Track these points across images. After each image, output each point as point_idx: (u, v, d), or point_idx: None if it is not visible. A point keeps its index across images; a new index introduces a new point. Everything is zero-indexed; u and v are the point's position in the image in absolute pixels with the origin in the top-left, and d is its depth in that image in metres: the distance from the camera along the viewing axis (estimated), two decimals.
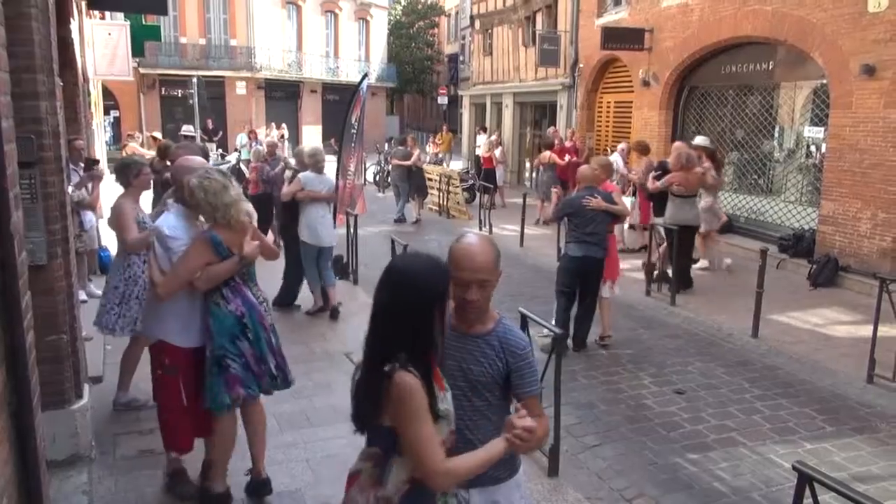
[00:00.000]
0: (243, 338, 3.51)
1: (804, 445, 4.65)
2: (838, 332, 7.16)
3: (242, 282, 3.56)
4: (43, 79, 3.63)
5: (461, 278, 2.12)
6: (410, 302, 1.93)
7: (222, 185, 3.42)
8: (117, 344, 6.13)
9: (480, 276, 2.14)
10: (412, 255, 2.27)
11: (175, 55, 26.84)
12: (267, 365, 3.60)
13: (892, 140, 8.33)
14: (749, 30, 10.55)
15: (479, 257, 2.16)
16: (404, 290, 1.95)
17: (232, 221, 3.42)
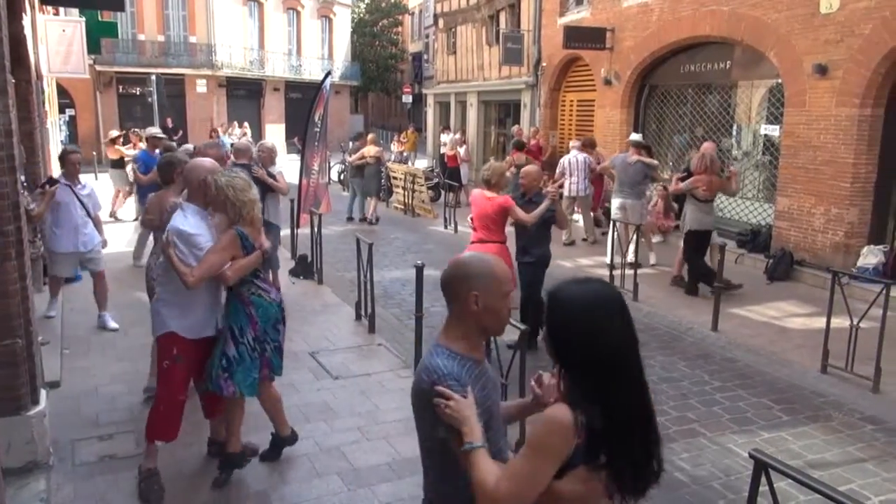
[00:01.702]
0: (283, 323, 3.99)
1: (762, 435, 4.77)
2: (794, 324, 7.36)
3: (254, 275, 3.86)
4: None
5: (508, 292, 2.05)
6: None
7: (247, 183, 3.76)
8: (76, 348, 6.03)
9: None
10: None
11: (133, 52, 26.29)
12: (276, 354, 4.03)
13: (844, 138, 8.59)
14: (707, 30, 10.76)
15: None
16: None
17: (254, 218, 3.77)
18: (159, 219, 4.58)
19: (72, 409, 4.88)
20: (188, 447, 4.25)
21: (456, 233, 12.59)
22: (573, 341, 1.76)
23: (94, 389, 5.21)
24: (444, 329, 2.04)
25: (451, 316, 2.02)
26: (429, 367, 1.93)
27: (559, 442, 1.69)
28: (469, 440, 1.81)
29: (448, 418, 1.84)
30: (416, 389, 1.97)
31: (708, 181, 7.97)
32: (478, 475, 1.77)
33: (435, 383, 1.87)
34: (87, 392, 5.15)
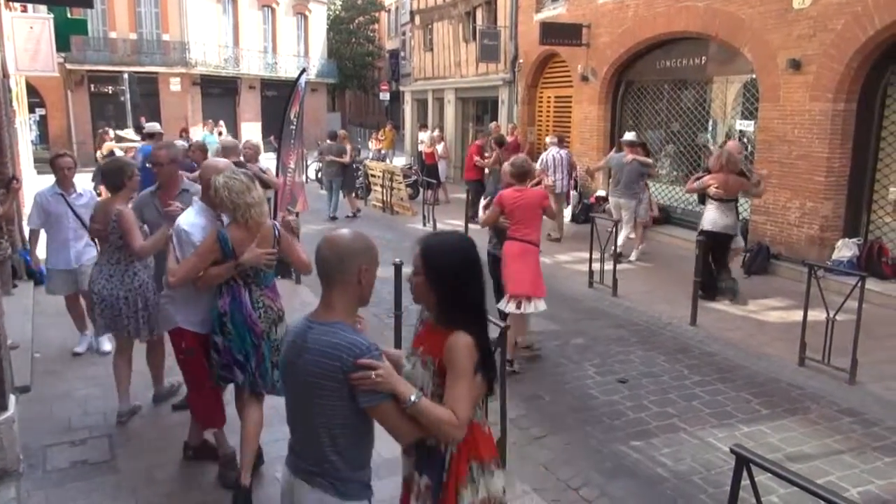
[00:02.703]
0: (219, 334, 3.64)
1: (741, 429, 4.79)
2: (771, 317, 7.42)
3: (243, 283, 3.62)
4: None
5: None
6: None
7: (245, 185, 3.52)
8: (48, 352, 5.89)
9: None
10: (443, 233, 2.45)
11: (104, 50, 25.84)
12: (249, 364, 3.67)
13: (818, 132, 8.68)
14: (682, 25, 10.82)
15: None
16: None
17: (250, 222, 3.52)
18: (104, 228, 4.45)
19: (43, 414, 4.75)
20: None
21: (434, 229, 12.54)
22: (461, 276, 2.19)
23: (67, 394, 5.09)
24: (329, 305, 2.12)
25: (335, 291, 2.11)
26: (346, 345, 1.99)
27: (473, 359, 2.12)
28: (409, 395, 2.02)
29: (380, 385, 1.98)
30: (328, 369, 2.01)
31: (723, 180, 7.60)
32: (435, 416, 2.04)
33: (358, 357, 1.97)
34: (58, 396, 5.03)
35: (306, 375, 2.05)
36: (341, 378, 1.99)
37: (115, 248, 4.46)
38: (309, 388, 2.06)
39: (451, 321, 2.16)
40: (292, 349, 2.14)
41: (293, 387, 2.17)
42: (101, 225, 4.45)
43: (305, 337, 2.08)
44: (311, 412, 2.09)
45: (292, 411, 2.22)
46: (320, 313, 2.13)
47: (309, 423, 2.11)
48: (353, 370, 1.97)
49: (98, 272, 4.55)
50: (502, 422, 4.10)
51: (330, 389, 2.02)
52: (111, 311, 4.49)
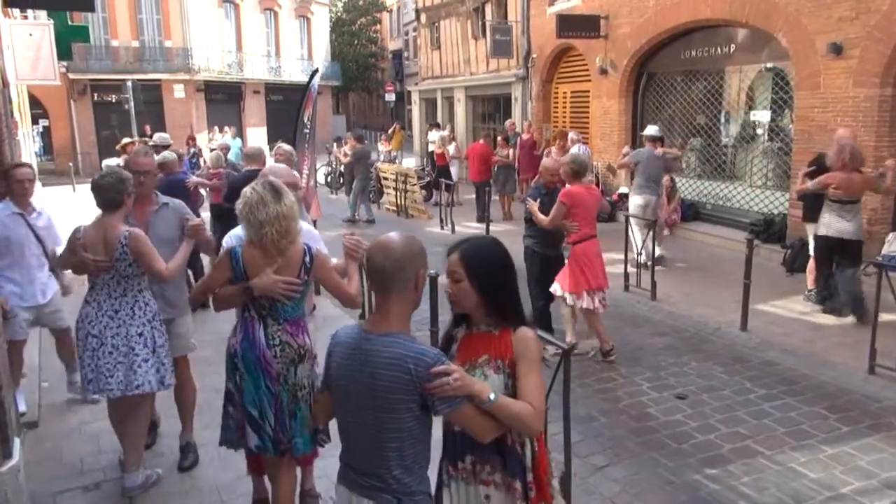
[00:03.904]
0: (231, 378, 3.12)
1: (824, 450, 4.31)
2: (825, 319, 6.92)
3: (258, 316, 3.04)
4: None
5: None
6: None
7: (259, 198, 2.94)
8: (56, 380, 5.45)
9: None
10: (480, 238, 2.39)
11: (106, 59, 25.48)
12: (266, 422, 3.05)
13: (863, 120, 8.18)
14: (709, 13, 10.33)
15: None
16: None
17: (265, 241, 2.95)
18: (110, 258, 3.58)
19: (52, 454, 4.33)
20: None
21: (454, 233, 12.09)
22: (504, 276, 2.19)
23: (77, 428, 4.66)
24: (386, 315, 2.04)
25: (392, 299, 2.03)
26: (413, 356, 1.94)
27: (540, 352, 2.17)
28: (488, 394, 1.98)
29: (459, 390, 1.93)
30: (398, 381, 1.94)
31: (846, 180, 6.46)
32: (514, 410, 2.01)
33: (429, 366, 1.91)
34: (68, 432, 4.60)
35: (371, 390, 1.99)
36: (412, 389, 1.94)
37: (122, 277, 3.65)
38: (375, 402, 1.99)
39: (505, 320, 2.16)
40: (349, 362, 2.05)
41: (351, 402, 2.07)
42: (105, 254, 3.58)
43: (365, 350, 2.01)
44: (376, 426, 2.02)
45: (351, 427, 2.12)
46: (377, 323, 2.06)
47: (373, 437, 2.04)
48: (424, 380, 1.92)
49: (96, 311, 3.63)
50: (566, 453, 3.66)
51: (399, 402, 1.96)
52: (116, 358, 3.62)
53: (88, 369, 3.64)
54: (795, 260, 8.67)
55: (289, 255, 3.01)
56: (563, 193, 5.71)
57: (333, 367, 2.14)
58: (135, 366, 3.62)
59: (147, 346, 3.67)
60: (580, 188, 5.74)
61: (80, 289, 4.24)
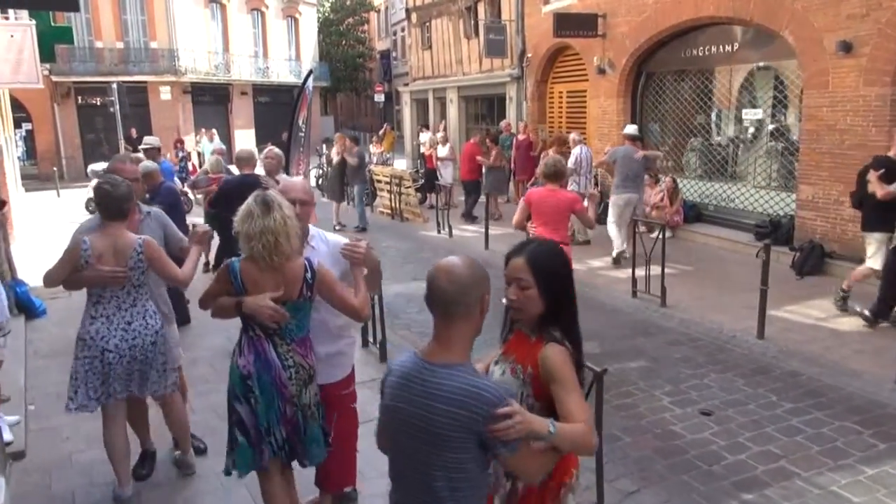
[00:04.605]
0: (244, 401, 2.98)
1: (864, 471, 4.08)
2: (843, 325, 6.72)
3: (265, 335, 2.94)
4: None
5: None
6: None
7: (248, 212, 2.83)
8: (43, 403, 5.14)
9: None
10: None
11: (91, 61, 24.97)
12: (272, 437, 3.00)
13: (874, 119, 7.99)
14: (711, 10, 10.11)
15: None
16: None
17: (254, 254, 2.83)
18: (124, 269, 3.50)
19: (41, 486, 4.02)
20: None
21: (451, 237, 11.83)
22: (567, 282, 2.15)
23: (67, 458, 4.34)
24: (448, 343, 1.91)
25: (455, 327, 1.91)
26: (477, 393, 1.81)
27: (573, 367, 2.05)
28: (547, 427, 1.87)
29: (520, 432, 1.82)
30: (460, 419, 1.81)
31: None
32: (573, 435, 1.93)
33: (495, 406, 1.79)
34: (59, 462, 4.29)
35: (426, 424, 1.85)
36: (471, 428, 1.81)
37: (133, 286, 3.59)
38: (429, 438, 1.86)
39: (548, 330, 2.10)
40: (404, 393, 1.90)
41: (404, 436, 1.93)
42: (116, 265, 3.49)
43: (422, 381, 1.87)
44: (429, 464, 1.88)
45: (402, 462, 1.99)
46: (437, 352, 1.92)
47: (425, 475, 1.90)
48: (487, 420, 1.79)
49: (107, 326, 3.55)
50: (599, 486, 3.41)
51: (458, 441, 1.83)
52: (128, 370, 3.60)
53: (103, 379, 3.59)
54: (805, 263, 8.48)
55: (286, 271, 2.87)
56: (526, 195, 5.94)
57: (385, 396, 2.00)
58: (151, 373, 3.68)
59: (161, 353, 3.71)
60: (542, 190, 5.85)
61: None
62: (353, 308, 2.97)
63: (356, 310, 2.98)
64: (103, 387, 3.59)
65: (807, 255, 8.50)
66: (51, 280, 3.55)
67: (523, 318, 2.13)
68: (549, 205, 5.73)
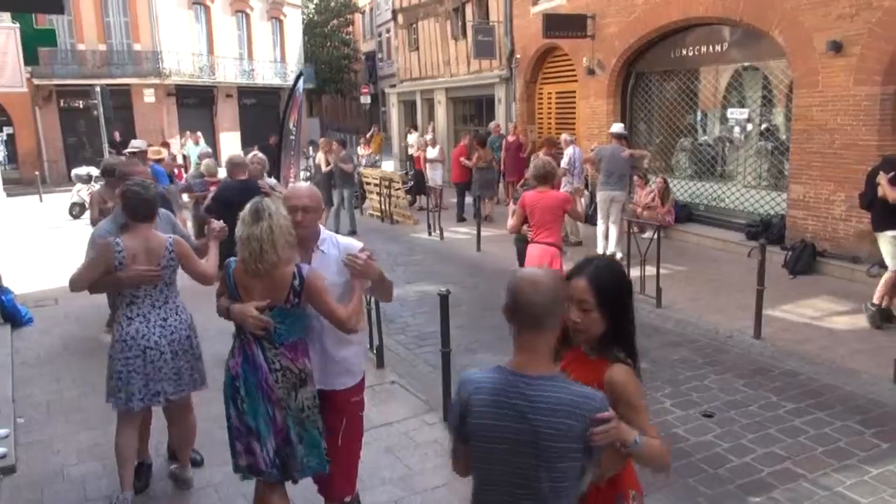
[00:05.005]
0: (233, 403, 3.01)
1: (869, 471, 4.06)
2: (838, 324, 6.74)
3: (254, 339, 2.96)
4: None
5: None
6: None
7: (241, 218, 2.90)
8: (33, 415, 5.02)
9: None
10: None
11: (73, 63, 24.61)
12: (264, 447, 2.97)
13: (865, 119, 8.03)
14: (701, 10, 10.13)
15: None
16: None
17: (244, 259, 2.90)
18: (159, 269, 3.62)
19: (32, 502, 3.91)
20: None
21: (442, 239, 11.76)
22: (628, 301, 2.14)
23: (59, 471, 4.23)
24: (536, 354, 1.92)
25: (544, 338, 1.92)
26: (580, 400, 1.84)
27: (640, 389, 2.09)
28: (634, 437, 1.91)
29: (614, 437, 1.86)
30: (566, 429, 1.82)
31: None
32: (657, 449, 2.01)
33: (597, 411, 1.84)
34: (50, 476, 4.17)
35: (537, 438, 1.84)
36: (579, 436, 1.83)
37: (166, 285, 3.71)
38: (536, 451, 1.85)
39: (610, 349, 2.10)
40: (501, 410, 1.88)
41: (503, 452, 1.90)
42: (149, 264, 3.59)
43: (526, 395, 1.86)
44: (535, 479, 1.87)
45: (500, 480, 1.93)
46: (530, 365, 1.91)
47: (530, 489, 1.89)
48: (589, 426, 1.82)
49: (145, 324, 3.61)
50: None
51: (564, 451, 1.84)
52: (175, 367, 3.69)
53: (147, 378, 3.61)
54: (798, 261, 8.51)
55: (274, 277, 2.89)
56: (521, 199, 5.98)
57: (475, 415, 1.93)
58: (192, 366, 3.76)
59: (196, 347, 3.81)
60: (533, 193, 5.90)
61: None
62: (337, 319, 2.95)
63: (341, 321, 2.95)
64: (146, 388, 3.61)
65: (799, 255, 8.53)
66: (79, 284, 3.61)
67: (584, 339, 2.12)
68: (543, 206, 5.81)
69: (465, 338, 6.42)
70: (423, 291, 8.48)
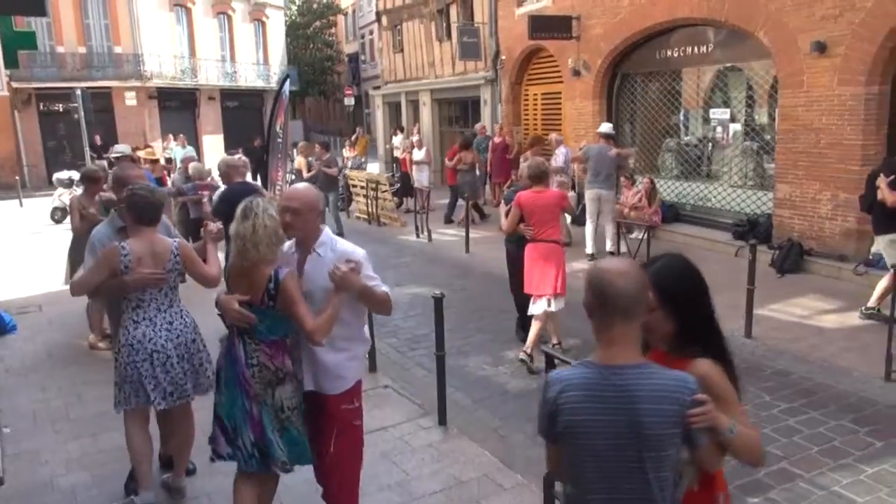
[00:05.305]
0: (216, 392, 3.17)
1: (864, 470, 4.09)
2: (826, 322, 6.80)
3: (238, 332, 3.04)
4: None
5: None
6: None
7: (235, 214, 3.04)
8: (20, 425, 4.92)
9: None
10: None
11: (52, 66, 24.29)
12: (241, 441, 3.05)
13: (849, 118, 8.11)
14: (686, 12, 10.18)
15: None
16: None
17: (233, 255, 3.07)
18: (164, 272, 3.63)
19: None
20: None
21: (430, 241, 11.73)
22: (699, 299, 2.08)
23: (48, 483, 4.14)
24: (628, 344, 1.91)
25: (633, 326, 1.91)
26: (676, 384, 1.85)
27: (729, 382, 2.04)
28: (728, 426, 1.89)
29: (709, 420, 1.85)
30: (669, 415, 1.83)
31: None
32: (749, 441, 1.98)
33: (694, 393, 1.84)
34: (39, 488, 4.08)
35: (638, 429, 1.83)
36: (678, 421, 1.83)
37: (170, 288, 3.71)
38: (642, 442, 1.84)
39: (690, 348, 2.05)
40: (598, 405, 1.86)
41: (605, 447, 1.88)
42: (154, 268, 3.58)
43: (621, 387, 1.85)
44: (641, 469, 1.86)
45: (602, 477, 1.91)
46: (619, 356, 1.89)
47: (636, 481, 1.87)
48: (687, 408, 1.82)
49: (151, 328, 3.60)
50: None
51: (667, 437, 1.84)
52: (182, 370, 3.66)
53: (156, 381, 3.59)
54: (785, 260, 8.57)
55: (254, 275, 2.98)
56: (516, 199, 6.03)
57: (567, 413, 1.91)
58: (200, 369, 3.75)
59: (201, 350, 3.79)
60: (530, 193, 6.00)
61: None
62: (304, 329, 2.96)
63: (307, 332, 2.96)
64: (156, 391, 3.58)
65: (786, 254, 8.59)
66: (82, 288, 3.69)
67: (654, 338, 2.08)
68: (541, 205, 5.95)
69: (455, 340, 6.41)
70: (413, 294, 8.44)
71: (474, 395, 5.51)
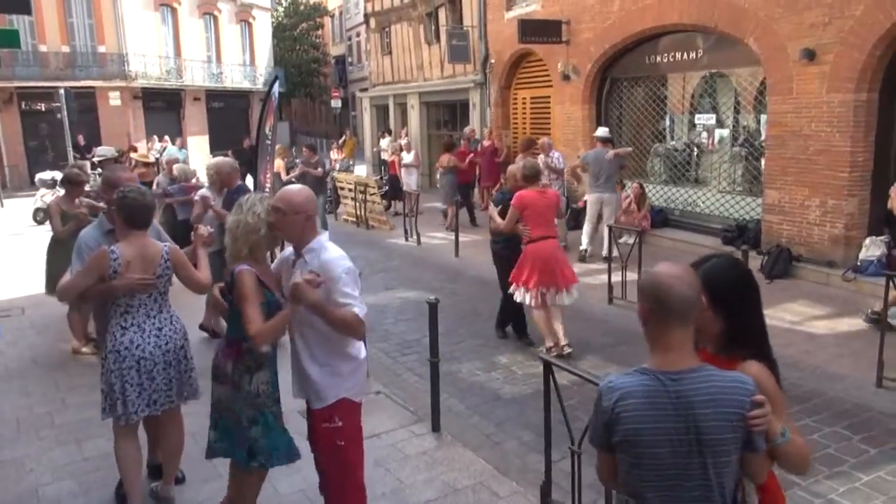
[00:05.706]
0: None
1: (860, 477, 4.08)
2: (817, 328, 6.83)
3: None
4: None
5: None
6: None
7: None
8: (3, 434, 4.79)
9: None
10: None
11: (35, 65, 23.97)
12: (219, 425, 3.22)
13: (838, 125, 8.16)
14: (676, 17, 10.22)
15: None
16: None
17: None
18: (154, 278, 3.56)
19: None
20: None
21: (419, 244, 11.67)
22: (748, 299, 2.06)
23: (34, 491, 4.03)
24: (685, 347, 1.88)
25: (690, 329, 1.88)
26: (736, 387, 1.82)
27: (777, 385, 2.00)
28: (780, 431, 1.87)
29: (766, 423, 1.82)
30: (732, 419, 1.80)
31: None
32: (800, 448, 1.93)
33: (752, 395, 1.81)
34: (24, 497, 3.98)
35: (700, 434, 1.81)
36: (738, 425, 1.81)
37: (160, 293, 3.64)
38: (704, 447, 1.82)
39: (738, 349, 2.02)
40: (658, 412, 1.83)
41: (667, 454, 1.84)
42: (144, 273, 3.50)
43: (680, 392, 1.82)
44: (703, 476, 1.84)
45: (664, 485, 1.86)
46: (677, 360, 1.86)
47: (698, 490, 1.85)
48: (746, 411, 1.80)
49: (139, 334, 3.51)
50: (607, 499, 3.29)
51: (728, 442, 1.82)
52: (166, 378, 3.61)
53: (141, 388, 3.52)
54: (775, 266, 8.61)
55: (232, 269, 3.04)
56: (514, 198, 6.10)
57: (626, 421, 1.86)
58: (184, 377, 3.69)
59: (189, 356, 3.73)
60: (531, 192, 6.07)
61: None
62: (247, 332, 2.87)
63: (248, 334, 2.87)
64: (140, 399, 3.51)
65: (775, 259, 8.63)
66: (70, 292, 3.64)
67: (702, 339, 2.02)
68: (543, 205, 6.06)
69: (447, 345, 6.34)
70: (403, 298, 8.38)
71: (467, 401, 5.46)
